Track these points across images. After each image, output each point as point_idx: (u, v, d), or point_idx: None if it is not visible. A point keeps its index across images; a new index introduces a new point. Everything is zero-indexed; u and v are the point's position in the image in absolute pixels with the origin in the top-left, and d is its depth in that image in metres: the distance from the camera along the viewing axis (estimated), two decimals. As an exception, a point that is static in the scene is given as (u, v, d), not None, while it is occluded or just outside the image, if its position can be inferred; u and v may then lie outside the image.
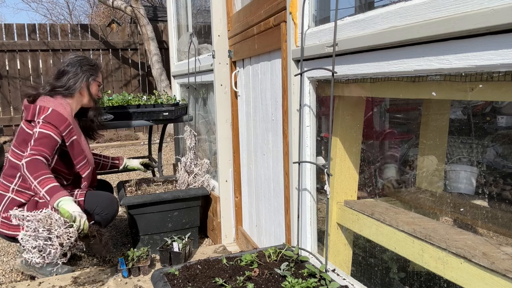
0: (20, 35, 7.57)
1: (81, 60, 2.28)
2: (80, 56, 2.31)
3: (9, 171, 2.18)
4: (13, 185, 2.15)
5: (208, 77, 2.80)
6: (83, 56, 2.33)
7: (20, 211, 1.79)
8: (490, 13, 0.84)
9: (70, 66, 2.25)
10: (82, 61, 2.28)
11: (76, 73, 2.23)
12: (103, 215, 2.23)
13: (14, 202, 2.13)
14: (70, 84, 2.21)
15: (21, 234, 1.76)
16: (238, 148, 2.57)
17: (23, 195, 2.15)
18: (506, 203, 1.66)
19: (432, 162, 1.92)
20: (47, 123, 2.06)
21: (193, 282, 1.37)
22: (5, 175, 2.19)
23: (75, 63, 2.26)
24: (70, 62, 2.26)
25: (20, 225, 1.83)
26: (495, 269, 1.05)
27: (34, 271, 2.27)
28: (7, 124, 7.50)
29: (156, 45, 7.36)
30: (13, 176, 2.16)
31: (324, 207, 1.74)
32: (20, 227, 2.02)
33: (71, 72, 2.23)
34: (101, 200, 2.25)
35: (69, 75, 2.22)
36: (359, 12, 1.28)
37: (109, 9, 13.59)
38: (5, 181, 2.18)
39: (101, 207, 2.22)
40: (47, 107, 2.10)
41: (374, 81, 1.38)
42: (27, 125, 2.14)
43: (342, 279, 1.44)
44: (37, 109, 2.10)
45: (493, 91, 1.04)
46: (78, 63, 2.26)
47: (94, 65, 2.32)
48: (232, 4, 2.47)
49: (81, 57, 2.31)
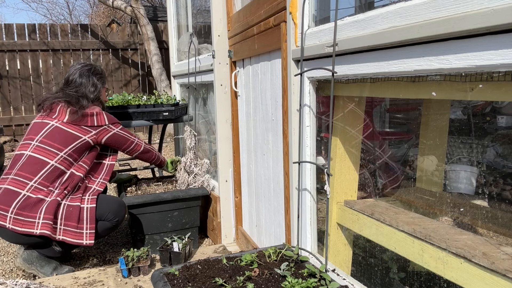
0: (20, 35, 7.57)
1: (90, 69, 2.45)
2: (88, 65, 2.47)
3: (30, 167, 2.16)
4: (32, 182, 2.14)
5: (208, 77, 2.80)
6: (90, 64, 2.49)
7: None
8: (490, 13, 0.84)
9: (84, 77, 2.41)
10: (91, 70, 2.45)
11: (94, 83, 2.42)
12: (114, 222, 2.29)
13: (29, 199, 2.11)
14: (95, 95, 2.41)
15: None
16: (238, 148, 2.57)
17: (41, 192, 2.14)
18: (506, 203, 1.65)
19: (432, 162, 1.92)
20: (115, 122, 2.39)
21: (193, 282, 1.37)
22: (22, 171, 2.17)
23: (87, 74, 2.42)
24: (81, 73, 2.42)
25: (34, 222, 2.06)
26: (495, 269, 1.05)
27: (36, 270, 2.27)
28: (7, 124, 7.49)
29: (156, 45, 7.35)
30: (33, 172, 2.15)
31: (324, 207, 1.75)
32: (35, 223, 2.05)
33: (89, 83, 2.41)
34: (112, 206, 2.29)
35: (87, 85, 2.40)
36: (359, 12, 1.28)
37: (109, 9, 13.59)
38: (21, 178, 2.15)
39: (113, 214, 2.28)
40: (101, 112, 2.35)
41: (374, 81, 1.38)
42: (76, 129, 2.26)
43: (342, 279, 1.44)
44: (95, 117, 2.32)
45: (493, 91, 1.04)
46: (89, 72, 2.44)
47: (102, 73, 2.53)
48: (232, 4, 2.47)
49: (88, 65, 2.47)
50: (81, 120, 2.26)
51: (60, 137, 2.23)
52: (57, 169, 2.19)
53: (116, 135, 2.38)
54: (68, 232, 2.14)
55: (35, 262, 2.27)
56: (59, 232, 2.13)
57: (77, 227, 2.15)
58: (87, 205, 2.20)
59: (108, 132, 2.34)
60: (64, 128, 2.25)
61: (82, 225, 2.16)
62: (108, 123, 2.34)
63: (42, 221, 2.08)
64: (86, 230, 2.17)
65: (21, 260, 2.28)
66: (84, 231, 2.16)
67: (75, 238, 2.15)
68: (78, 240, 2.15)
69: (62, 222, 2.14)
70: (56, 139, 2.22)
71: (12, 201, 2.10)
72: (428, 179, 1.94)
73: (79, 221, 2.16)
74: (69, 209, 2.15)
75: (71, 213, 2.14)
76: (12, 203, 2.10)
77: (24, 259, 2.27)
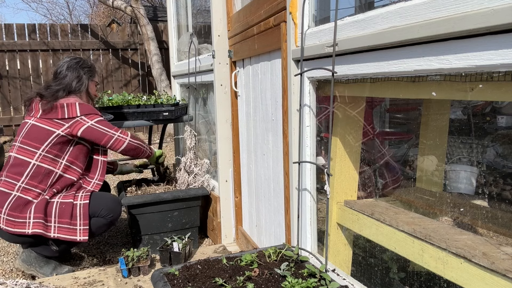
0: (20, 35, 7.57)
1: (78, 62, 2.37)
2: (76, 58, 2.39)
3: (15, 169, 2.18)
4: (19, 183, 2.15)
5: (208, 77, 2.80)
6: (79, 58, 2.41)
7: None
8: (490, 13, 0.84)
9: (71, 69, 2.32)
10: (80, 63, 2.37)
11: (79, 76, 2.32)
12: (108, 218, 2.26)
13: (19, 200, 2.12)
14: (76, 86, 2.31)
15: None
16: (238, 148, 2.57)
17: (30, 193, 2.15)
18: (506, 203, 1.65)
19: (432, 162, 1.92)
20: (90, 114, 2.24)
21: (193, 282, 1.37)
22: (9, 173, 2.19)
23: (74, 66, 2.34)
24: (69, 65, 2.33)
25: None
26: (495, 269, 1.05)
27: (35, 270, 2.27)
28: (7, 124, 7.49)
29: (156, 45, 7.35)
30: (19, 173, 2.16)
31: (324, 207, 1.75)
32: (26, 223, 2.05)
33: (74, 75, 2.31)
34: (106, 203, 2.27)
35: (72, 77, 2.30)
36: (359, 12, 1.28)
37: (109, 9, 13.59)
38: (9, 179, 2.17)
39: (107, 210, 2.25)
40: (73, 103, 2.22)
41: (374, 81, 1.38)
42: (50, 124, 2.18)
43: (342, 279, 1.44)
44: (66, 109, 2.19)
45: (493, 91, 1.04)
46: (77, 65, 2.35)
47: (91, 66, 2.43)
48: (232, 4, 2.47)
49: (77, 58, 2.39)
50: (51, 113, 2.19)
51: (35, 134, 2.20)
52: (41, 167, 2.18)
53: (90, 128, 2.22)
54: (62, 229, 2.15)
55: (34, 262, 2.27)
56: (54, 230, 2.14)
57: (70, 223, 2.15)
58: (80, 201, 2.19)
59: (82, 124, 2.21)
60: (38, 124, 2.20)
61: (76, 221, 2.16)
62: (80, 115, 2.20)
63: (33, 220, 2.10)
64: (79, 226, 2.17)
65: (20, 261, 2.28)
66: (78, 227, 2.16)
67: (69, 235, 2.15)
68: (72, 237, 2.16)
69: (56, 220, 2.14)
70: (32, 138, 2.20)
71: (4, 202, 2.12)
72: (428, 179, 1.94)
73: (72, 217, 2.16)
74: (62, 206, 2.16)
75: (64, 210, 2.15)
76: (4, 204, 2.12)
77: (23, 260, 2.27)
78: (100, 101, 2.86)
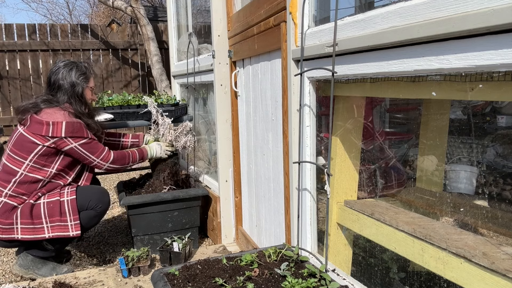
0: (20, 35, 7.56)
1: (72, 69, 2.28)
2: (69, 65, 2.29)
3: (4, 176, 2.18)
4: (6, 190, 2.16)
5: (208, 77, 2.80)
6: (72, 63, 2.31)
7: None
8: (490, 13, 0.84)
9: (65, 79, 2.25)
10: (73, 70, 2.28)
11: (72, 83, 2.25)
12: (98, 209, 2.27)
13: (6, 205, 2.14)
14: (71, 96, 2.25)
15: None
16: (238, 148, 2.57)
17: (16, 199, 2.16)
18: (506, 203, 1.65)
19: (432, 162, 1.92)
20: (74, 136, 2.18)
21: (193, 282, 1.37)
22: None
23: (68, 74, 2.26)
24: (63, 74, 2.25)
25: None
26: (495, 269, 1.05)
27: (33, 273, 2.27)
28: (7, 124, 7.49)
29: (156, 45, 7.35)
30: (7, 181, 2.17)
31: (324, 207, 1.75)
32: (14, 229, 2.06)
33: (68, 84, 2.24)
34: (93, 194, 2.28)
35: (66, 87, 2.24)
36: (359, 12, 1.28)
37: (109, 9, 13.59)
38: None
39: (95, 201, 2.26)
40: (60, 122, 2.14)
41: (374, 81, 1.38)
42: (36, 137, 2.14)
43: (342, 279, 1.44)
44: (51, 127, 2.13)
45: (493, 91, 1.04)
46: (70, 72, 2.27)
47: (86, 71, 2.33)
48: (232, 4, 2.47)
49: (70, 65, 2.29)
50: (38, 127, 2.14)
51: (22, 144, 2.16)
52: (28, 177, 2.17)
53: (73, 150, 2.20)
54: (54, 228, 2.16)
55: (31, 265, 2.27)
56: (47, 230, 2.15)
57: (61, 220, 2.17)
58: (67, 197, 2.20)
59: (66, 144, 2.18)
60: (25, 134, 2.16)
61: (66, 217, 2.17)
62: (64, 136, 2.15)
63: (20, 226, 2.12)
64: (70, 222, 2.18)
65: (17, 266, 2.29)
66: (69, 223, 2.18)
67: (62, 232, 2.17)
68: (65, 233, 2.17)
69: (47, 220, 2.15)
70: (19, 147, 2.16)
71: None
72: (428, 179, 1.94)
73: (61, 214, 2.17)
74: (50, 206, 2.17)
75: (52, 209, 2.16)
76: None
77: (20, 265, 2.28)
78: (100, 101, 2.86)
